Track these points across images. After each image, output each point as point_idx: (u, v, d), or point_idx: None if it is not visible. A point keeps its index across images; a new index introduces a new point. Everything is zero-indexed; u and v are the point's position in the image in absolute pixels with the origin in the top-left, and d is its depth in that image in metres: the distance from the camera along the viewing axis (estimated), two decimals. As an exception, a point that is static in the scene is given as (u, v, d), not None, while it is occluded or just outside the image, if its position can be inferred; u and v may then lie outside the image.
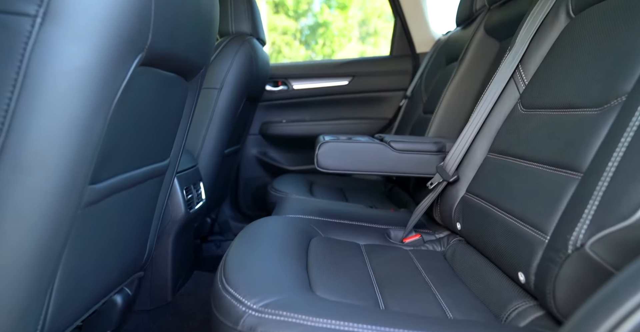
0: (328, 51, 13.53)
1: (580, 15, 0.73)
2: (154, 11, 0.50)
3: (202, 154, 1.21)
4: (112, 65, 0.46)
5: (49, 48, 0.41)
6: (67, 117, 0.44)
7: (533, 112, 0.74)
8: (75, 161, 0.47)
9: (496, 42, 1.17)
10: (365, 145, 0.96)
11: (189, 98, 0.82)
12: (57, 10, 0.40)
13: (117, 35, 0.45)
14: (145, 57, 0.53)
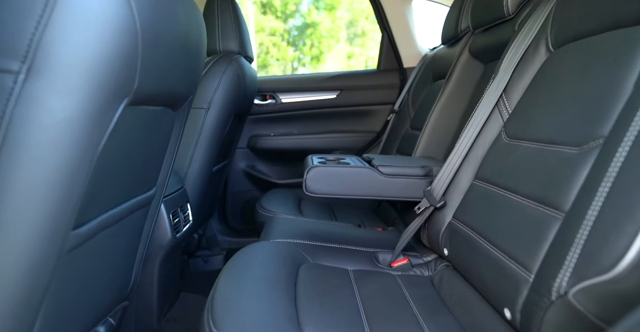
0: (316, 52, 13.54)
1: (559, 51, 0.75)
2: (141, 56, 0.49)
3: (189, 174, 1.20)
4: (97, 114, 0.46)
5: (32, 103, 0.40)
6: (50, 170, 0.43)
7: (516, 143, 0.75)
8: (58, 210, 0.46)
9: (481, 65, 1.19)
10: (354, 170, 0.96)
11: (176, 126, 0.81)
12: (42, 66, 0.40)
13: (103, 85, 0.45)
14: (132, 100, 0.52)
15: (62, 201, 0.46)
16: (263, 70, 14.52)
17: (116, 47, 0.44)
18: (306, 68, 15.32)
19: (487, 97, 0.88)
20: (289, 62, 14.74)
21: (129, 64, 0.48)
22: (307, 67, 15.21)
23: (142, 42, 0.48)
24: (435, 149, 1.24)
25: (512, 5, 0.94)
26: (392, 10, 1.73)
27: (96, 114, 0.46)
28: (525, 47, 0.83)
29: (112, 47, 0.44)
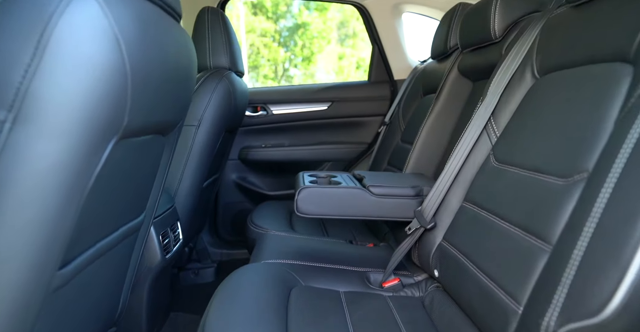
0: (307, 53, 13.53)
1: (544, 78, 0.76)
2: (131, 95, 0.49)
3: (180, 191, 1.19)
4: (86, 155, 0.45)
5: (18, 150, 0.39)
6: (36, 213, 0.43)
7: (504, 168, 0.76)
8: (44, 253, 0.45)
9: (469, 82, 1.21)
10: (345, 191, 0.97)
11: (167, 150, 0.80)
12: (29, 113, 0.39)
13: (92, 127, 0.44)
14: (121, 135, 0.52)
15: (47, 243, 0.45)
16: (254, 71, 14.46)
17: (106, 90, 0.44)
18: (297, 69, 15.31)
19: (476, 120, 0.89)
20: (280, 62, 14.72)
21: (119, 104, 0.47)
22: (299, 68, 15.21)
23: (131, 82, 0.48)
24: (425, 164, 1.25)
25: (499, 29, 0.96)
26: (382, 24, 1.74)
27: (84, 155, 0.45)
28: (512, 72, 0.85)
29: (101, 90, 0.43)
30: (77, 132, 0.43)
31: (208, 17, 1.28)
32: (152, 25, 0.54)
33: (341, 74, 15.04)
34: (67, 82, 0.40)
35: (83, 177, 0.47)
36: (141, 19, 0.50)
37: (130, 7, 0.48)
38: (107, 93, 0.44)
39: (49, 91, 0.40)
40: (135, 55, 0.48)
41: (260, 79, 14.88)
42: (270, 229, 1.24)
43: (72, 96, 0.41)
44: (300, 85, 1.96)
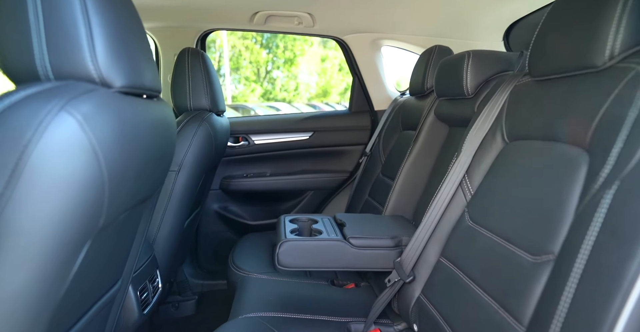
0: (289, 55, 13.52)
1: (513, 144, 0.80)
2: (107, 198, 0.49)
3: (159, 237, 1.17)
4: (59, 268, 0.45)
5: None
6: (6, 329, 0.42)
7: (478, 229, 0.79)
8: None
9: (446, 126, 1.25)
10: (325, 244, 0.98)
11: (145, 214, 0.80)
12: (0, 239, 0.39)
13: (66, 241, 0.44)
14: (97, 234, 0.51)
15: None
16: (236, 73, 14.35)
17: (82, 206, 0.44)
18: (280, 71, 15.29)
19: (451, 176, 0.92)
20: (263, 65, 14.68)
21: (94, 213, 0.47)
22: (281, 70, 15.19)
23: (109, 187, 0.48)
24: (405, 205, 1.28)
25: (471, 86, 0.99)
26: (361, 57, 1.77)
27: (57, 268, 0.45)
28: (484, 133, 0.88)
29: (77, 207, 0.43)
30: (50, 249, 0.42)
31: (188, 58, 1.27)
32: (131, 124, 0.54)
33: (324, 76, 15.10)
34: (41, 210, 0.40)
35: (55, 289, 0.46)
36: (120, 122, 0.51)
37: (110, 115, 0.48)
38: (83, 208, 0.44)
39: (21, 217, 0.40)
40: (114, 161, 0.48)
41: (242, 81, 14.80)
42: (252, 271, 1.24)
43: (45, 222, 0.41)
44: (281, 115, 1.97)
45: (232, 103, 13.47)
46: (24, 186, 0.39)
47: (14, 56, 0.49)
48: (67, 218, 0.43)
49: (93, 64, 0.51)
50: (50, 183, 0.41)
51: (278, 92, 15.81)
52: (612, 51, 0.59)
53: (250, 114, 10.15)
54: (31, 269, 0.42)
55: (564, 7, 0.70)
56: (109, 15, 0.54)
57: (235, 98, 14.54)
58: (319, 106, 13.00)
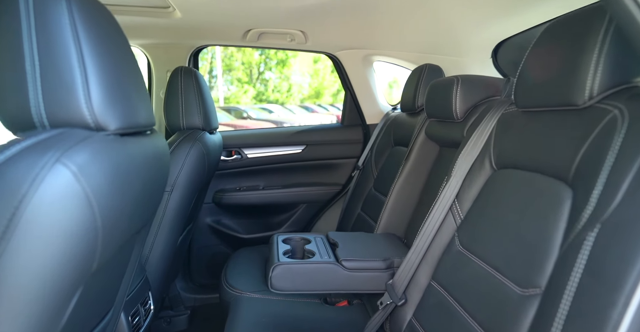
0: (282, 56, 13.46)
1: (501, 172, 0.82)
2: (101, 243, 0.49)
3: (151, 258, 1.17)
4: (49, 319, 0.45)
5: None
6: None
7: (468, 256, 0.81)
8: None
9: (437, 146, 1.27)
10: (318, 267, 0.99)
11: (138, 244, 0.80)
12: None
13: (58, 292, 0.44)
14: (90, 277, 0.52)
15: None
16: (228, 74, 14.27)
17: (75, 255, 0.44)
18: (272, 72, 15.24)
19: (442, 200, 0.94)
20: (255, 66, 14.61)
21: (88, 258, 0.47)
22: (274, 71, 15.15)
23: (102, 232, 0.49)
24: (397, 223, 1.30)
25: (460, 111, 1.02)
26: (353, 72, 1.79)
27: (51, 314, 0.45)
28: (473, 158, 0.90)
29: (70, 256, 0.44)
30: (41, 302, 0.43)
31: (181, 77, 1.28)
32: (126, 165, 0.54)
33: (316, 77, 15.10)
34: (34, 261, 0.41)
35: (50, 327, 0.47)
36: (115, 167, 0.51)
37: (105, 161, 0.49)
38: (76, 256, 0.45)
39: (13, 272, 0.40)
40: (108, 207, 0.49)
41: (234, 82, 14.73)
42: (244, 290, 1.25)
43: (39, 273, 0.41)
44: (274, 129, 1.98)
45: (225, 105, 13.43)
46: (18, 238, 0.39)
47: (9, 104, 0.50)
48: (60, 267, 0.43)
49: (88, 110, 0.51)
50: (44, 235, 0.42)
51: (271, 93, 15.79)
52: (591, 92, 0.61)
53: (242, 116, 10.13)
54: (25, 317, 0.42)
55: (545, 45, 0.72)
56: (104, 59, 0.54)
57: (228, 99, 14.49)
58: (311, 108, 13.04)
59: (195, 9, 1.24)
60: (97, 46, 0.53)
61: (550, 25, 0.73)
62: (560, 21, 0.71)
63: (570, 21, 0.68)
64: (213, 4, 1.19)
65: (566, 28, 0.68)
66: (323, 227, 1.93)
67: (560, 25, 0.71)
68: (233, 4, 1.21)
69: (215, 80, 14.28)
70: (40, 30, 0.49)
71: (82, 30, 0.51)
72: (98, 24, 0.55)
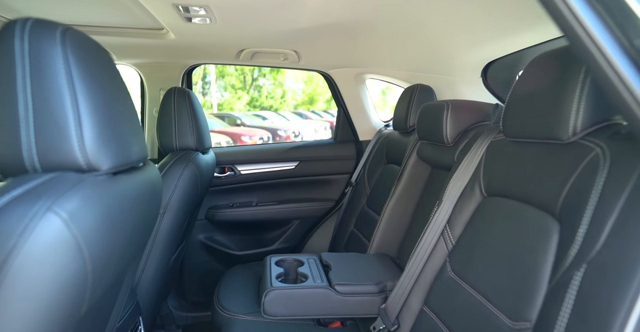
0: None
1: (491, 199, 0.83)
2: (90, 286, 0.49)
3: (143, 281, 1.16)
4: None
5: None
6: None
7: (460, 283, 0.82)
8: None
9: (428, 166, 1.28)
10: (311, 291, 0.99)
11: (129, 273, 0.80)
12: None
13: None
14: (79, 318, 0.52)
15: None
16: (222, 80, 14.24)
17: (65, 298, 0.44)
18: (266, 78, 15.26)
19: (434, 225, 0.95)
20: (249, 72, 14.61)
21: (77, 302, 0.47)
22: (267, 78, 15.17)
23: (92, 277, 0.49)
24: (389, 243, 1.30)
25: (451, 136, 1.03)
26: (346, 90, 1.81)
27: None
28: (464, 184, 0.92)
29: (60, 300, 0.44)
30: None
31: (174, 98, 1.28)
32: (118, 205, 0.55)
33: (310, 83, 15.16)
34: (23, 308, 0.41)
35: None
36: (106, 209, 0.51)
37: (96, 205, 0.49)
38: (65, 302, 0.45)
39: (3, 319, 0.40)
40: (98, 251, 0.49)
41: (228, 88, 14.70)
42: (237, 312, 1.24)
43: (28, 320, 0.41)
44: (267, 145, 1.98)
45: (218, 112, 13.39)
46: (6, 287, 0.39)
47: (0, 148, 0.50)
48: (48, 314, 0.43)
49: (81, 152, 0.51)
50: (34, 283, 0.41)
51: (264, 99, 15.80)
52: (575, 128, 0.63)
53: (236, 122, 10.12)
54: None
55: (531, 78, 0.74)
56: (98, 99, 0.55)
57: (221, 106, 14.46)
58: (305, 114, 13.07)
59: (189, 31, 1.24)
60: (91, 87, 0.54)
61: (536, 58, 0.75)
62: (545, 56, 0.73)
63: (554, 57, 0.70)
64: (206, 28, 1.20)
65: (551, 63, 0.70)
66: (316, 243, 1.93)
67: (545, 59, 0.73)
68: (225, 28, 1.22)
69: (208, 86, 14.27)
70: (35, 74, 0.49)
71: (76, 72, 0.51)
72: (92, 64, 0.55)
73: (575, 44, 0.44)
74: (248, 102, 15.32)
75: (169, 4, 1.01)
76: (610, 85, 0.43)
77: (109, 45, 1.41)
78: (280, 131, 9.02)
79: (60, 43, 0.51)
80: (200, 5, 1.01)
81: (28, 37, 0.49)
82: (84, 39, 0.56)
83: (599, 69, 0.43)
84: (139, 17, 1.17)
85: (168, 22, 1.17)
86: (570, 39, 0.44)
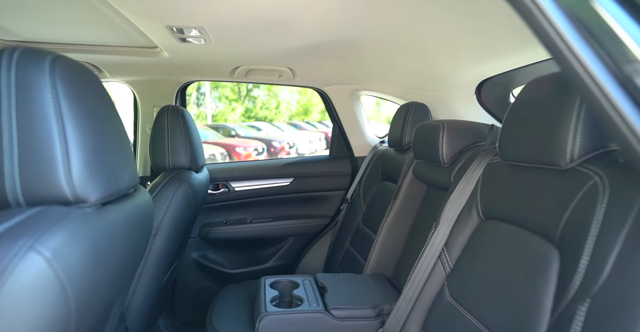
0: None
1: (489, 223, 0.82)
2: (74, 324, 0.47)
3: (133, 305, 1.13)
4: None
5: None
6: None
7: (459, 309, 0.80)
8: None
9: (424, 186, 1.27)
10: (306, 316, 0.96)
11: (118, 301, 0.77)
12: None
13: None
14: None
15: None
16: (216, 91, 14.26)
17: None
18: (260, 89, 15.30)
19: (431, 248, 0.94)
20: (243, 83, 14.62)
21: None
22: (262, 88, 15.20)
23: (76, 316, 0.46)
24: (385, 263, 1.29)
25: (447, 157, 1.03)
26: (341, 106, 1.81)
27: None
28: (460, 207, 0.91)
29: None
30: None
31: (168, 116, 1.27)
32: (104, 238, 0.53)
33: (305, 94, 15.20)
34: None
35: None
36: (92, 244, 0.49)
37: (81, 241, 0.47)
38: None
39: None
40: (83, 289, 0.47)
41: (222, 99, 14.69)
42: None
43: None
44: (262, 161, 1.96)
45: (213, 123, 13.37)
46: None
47: None
48: None
49: (68, 184, 0.50)
50: (14, 325, 0.39)
51: (259, 110, 15.81)
52: (572, 155, 0.62)
53: (230, 134, 10.09)
54: None
55: (527, 102, 0.74)
56: (87, 128, 0.53)
57: (215, 117, 14.46)
58: (300, 125, 13.09)
59: (182, 50, 1.24)
60: (79, 116, 0.52)
61: (533, 82, 0.75)
62: (541, 80, 0.73)
63: (550, 81, 0.70)
64: (200, 46, 1.20)
65: (547, 87, 0.70)
66: (312, 261, 1.90)
67: (541, 83, 0.73)
68: (220, 47, 1.22)
69: (203, 97, 14.28)
70: (21, 105, 0.48)
71: (65, 102, 0.50)
72: (82, 92, 0.54)
73: (567, 72, 0.44)
74: (243, 113, 15.33)
75: (162, 26, 1.00)
76: (604, 114, 0.42)
77: (103, 63, 1.40)
78: (275, 142, 9.01)
79: (49, 73, 0.49)
80: (194, 27, 1.01)
81: (15, 67, 0.48)
82: (75, 66, 0.54)
83: (593, 98, 0.43)
84: (133, 36, 1.16)
85: (162, 42, 1.16)
86: (562, 67, 0.44)
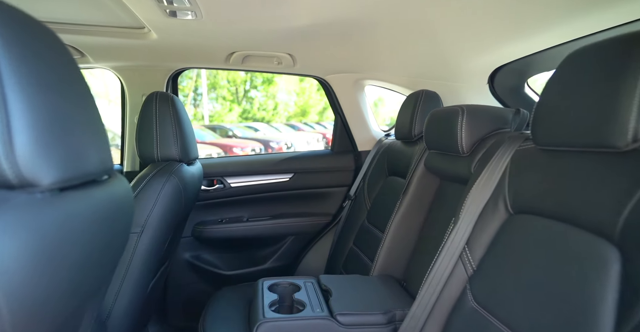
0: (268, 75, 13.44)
1: (520, 217, 0.71)
2: None
3: (115, 311, 1.01)
4: None
5: None
6: None
7: (486, 316, 0.69)
8: None
9: (437, 178, 1.17)
10: (309, 323, 0.86)
11: (90, 312, 0.66)
12: None
13: None
14: None
15: None
16: (213, 92, 14.14)
17: None
18: (258, 90, 15.22)
19: (450, 246, 0.83)
20: (241, 84, 14.55)
21: None
22: (259, 90, 15.13)
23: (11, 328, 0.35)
24: (394, 264, 1.18)
25: (466, 145, 0.92)
26: (344, 97, 1.71)
27: None
28: (485, 200, 0.80)
29: None
30: None
31: (156, 103, 1.15)
32: (61, 234, 0.42)
33: (302, 95, 15.12)
34: None
35: None
36: (40, 238, 0.39)
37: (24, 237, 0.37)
38: None
39: None
40: (25, 295, 0.36)
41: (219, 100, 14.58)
42: (226, 344, 1.09)
43: None
44: (259, 156, 1.86)
45: (210, 123, 13.24)
46: None
47: None
48: None
49: (9, 163, 0.39)
50: None
51: (256, 111, 15.69)
52: (636, 133, 0.52)
53: (227, 134, 9.97)
54: None
55: (570, 76, 0.63)
56: (38, 95, 0.42)
57: (212, 118, 14.32)
58: (297, 126, 12.97)
59: (172, 30, 1.13)
60: (27, 78, 0.41)
61: (577, 51, 0.64)
62: (588, 49, 0.62)
63: (602, 50, 0.60)
64: (191, 26, 1.09)
65: (597, 58, 0.59)
66: (312, 261, 1.79)
67: (588, 54, 0.62)
68: (213, 26, 1.11)
69: (200, 98, 14.15)
70: None
71: (4, 59, 0.39)
72: (32, 49, 0.43)
73: None
74: (240, 114, 15.22)
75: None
76: None
77: (85, 45, 1.29)
78: (273, 143, 8.93)
79: None
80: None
81: None
82: (24, 18, 0.43)
83: None
84: (117, 14, 1.05)
85: (149, 19, 1.05)
86: None
